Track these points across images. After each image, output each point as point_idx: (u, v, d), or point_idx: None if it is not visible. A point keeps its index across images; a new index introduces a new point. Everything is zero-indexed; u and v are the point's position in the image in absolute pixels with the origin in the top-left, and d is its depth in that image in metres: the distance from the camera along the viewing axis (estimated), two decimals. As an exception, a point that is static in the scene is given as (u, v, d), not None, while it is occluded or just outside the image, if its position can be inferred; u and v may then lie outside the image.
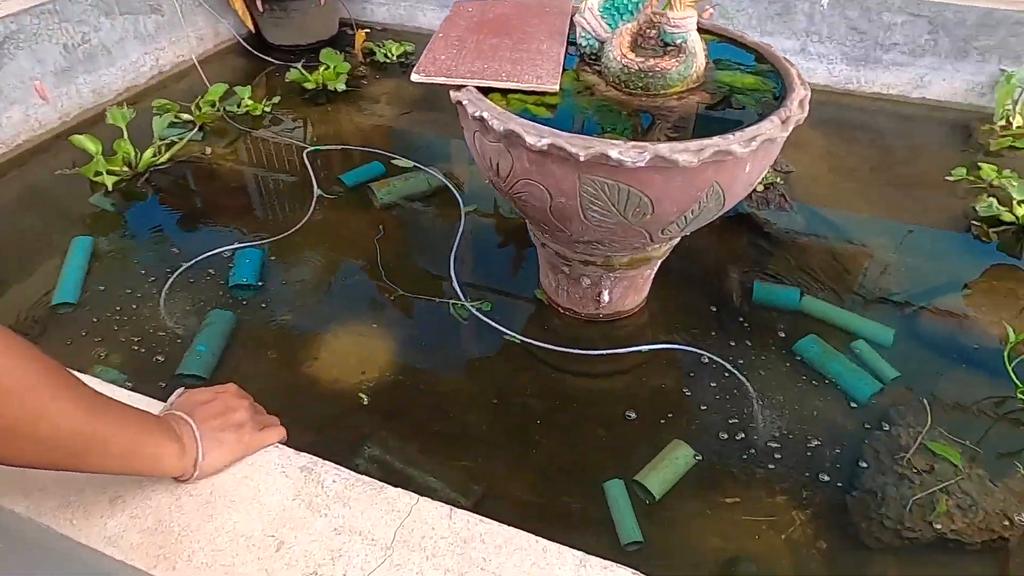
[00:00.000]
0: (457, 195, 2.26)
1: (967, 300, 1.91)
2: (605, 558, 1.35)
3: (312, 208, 2.22)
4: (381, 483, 0.87)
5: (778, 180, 2.28)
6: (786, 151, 2.65)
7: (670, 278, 1.95)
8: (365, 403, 1.63)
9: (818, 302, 1.86)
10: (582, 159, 1.18)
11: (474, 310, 1.82)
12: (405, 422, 1.61)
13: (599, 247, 1.47)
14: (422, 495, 0.86)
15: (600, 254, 1.54)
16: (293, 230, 2.12)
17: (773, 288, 1.90)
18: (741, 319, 1.84)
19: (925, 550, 1.34)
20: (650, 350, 1.73)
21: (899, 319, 1.85)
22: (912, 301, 1.91)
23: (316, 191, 2.28)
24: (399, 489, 0.86)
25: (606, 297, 1.67)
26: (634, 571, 0.78)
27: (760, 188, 2.24)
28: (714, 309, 1.87)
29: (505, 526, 0.82)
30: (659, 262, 1.68)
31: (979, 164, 2.34)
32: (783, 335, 1.79)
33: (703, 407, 1.62)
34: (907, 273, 2.01)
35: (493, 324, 1.78)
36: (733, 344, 1.76)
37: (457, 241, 2.07)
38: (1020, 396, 1.58)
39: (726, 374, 1.68)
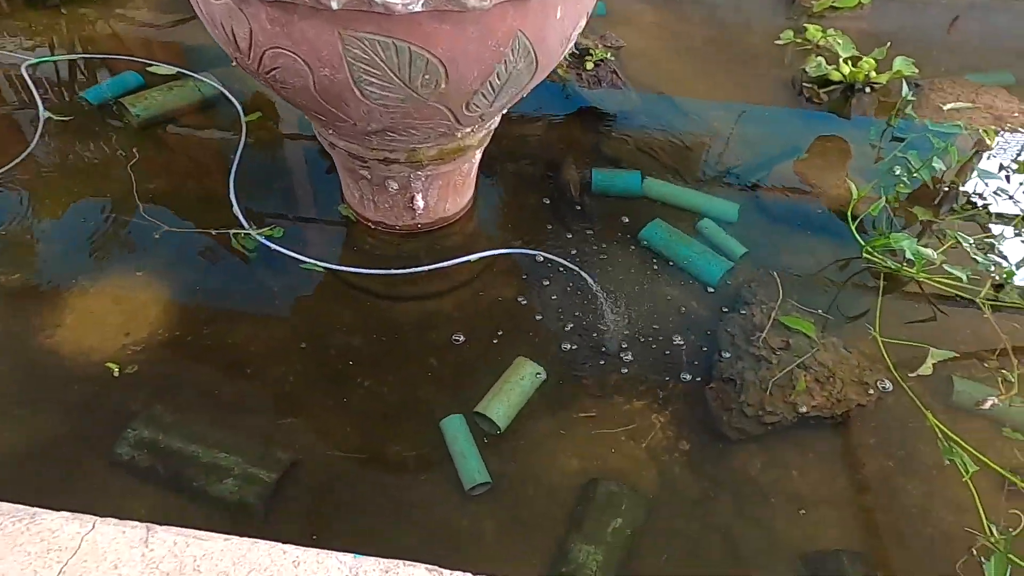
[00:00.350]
0: (235, 102, 1.84)
1: (805, 165, 1.83)
2: (448, 509, 1.11)
3: (38, 135, 1.71)
4: (33, 509, 0.55)
5: (608, 56, 2.06)
6: (616, 27, 2.44)
7: (498, 174, 1.70)
8: (130, 373, 1.27)
9: (660, 184, 1.70)
10: (336, 7, 0.86)
11: (262, 239, 1.47)
12: (186, 390, 1.27)
13: (396, 137, 1.17)
14: (209, 477, 0.56)
15: (400, 147, 1.24)
16: (11, 165, 1.62)
17: (612, 174, 1.71)
18: (581, 212, 1.63)
19: (788, 432, 1.24)
20: (481, 259, 1.48)
21: (742, 192, 1.73)
22: (753, 173, 1.79)
23: (43, 113, 1.76)
24: (63, 514, 0.55)
25: (420, 202, 1.38)
26: (429, 567, 0.54)
27: (591, 66, 2.02)
28: (548, 203, 1.64)
29: (236, 539, 0.55)
30: (478, 153, 1.41)
31: (805, 26, 2.25)
32: (627, 222, 1.61)
33: (546, 316, 1.41)
34: (747, 145, 1.89)
35: (289, 253, 1.45)
36: (573, 240, 1.56)
37: (237, 158, 1.67)
38: (866, 255, 1.52)
39: (569, 275, 1.48)
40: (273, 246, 1.46)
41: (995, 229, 1.64)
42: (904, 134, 1.88)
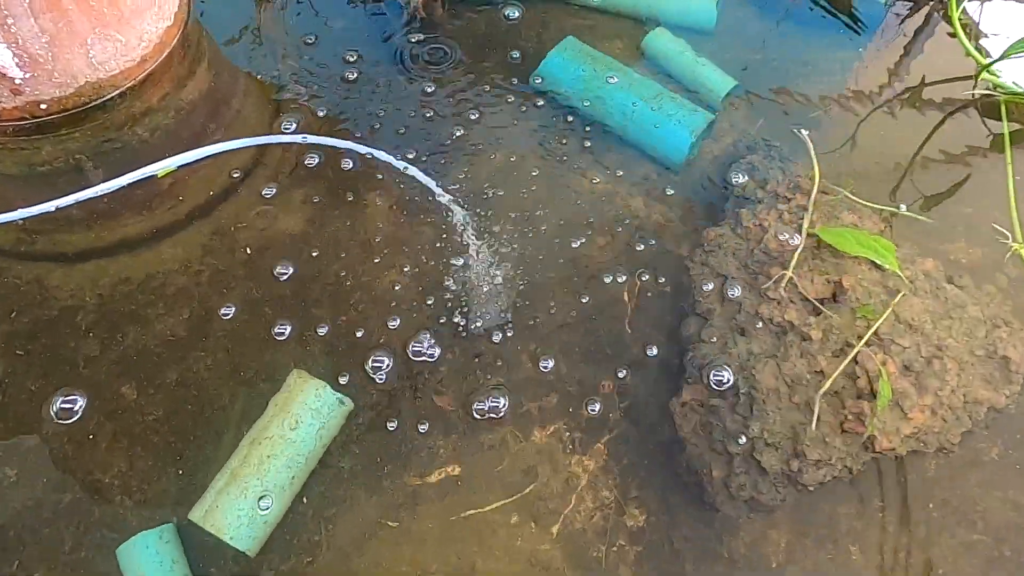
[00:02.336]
0: None
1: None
2: None
3: None
4: None
5: None
6: None
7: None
8: None
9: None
10: None
11: None
12: None
13: None
14: None
15: None
16: None
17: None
18: (426, 37, 0.86)
19: (844, 488, 0.61)
20: (190, 164, 0.73)
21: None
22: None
23: None
24: None
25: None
26: None
27: None
28: (371, 19, 0.87)
29: None
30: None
31: None
32: (513, 51, 0.85)
33: (357, 276, 0.71)
34: None
35: None
36: (412, 99, 0.81)
37: None
38: (991, 73, 0.79)
39: (402, 179, 0.76)
40: None
41: None
42: None
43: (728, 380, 0.60)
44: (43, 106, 0.68)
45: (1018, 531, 0.62)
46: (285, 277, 0.73)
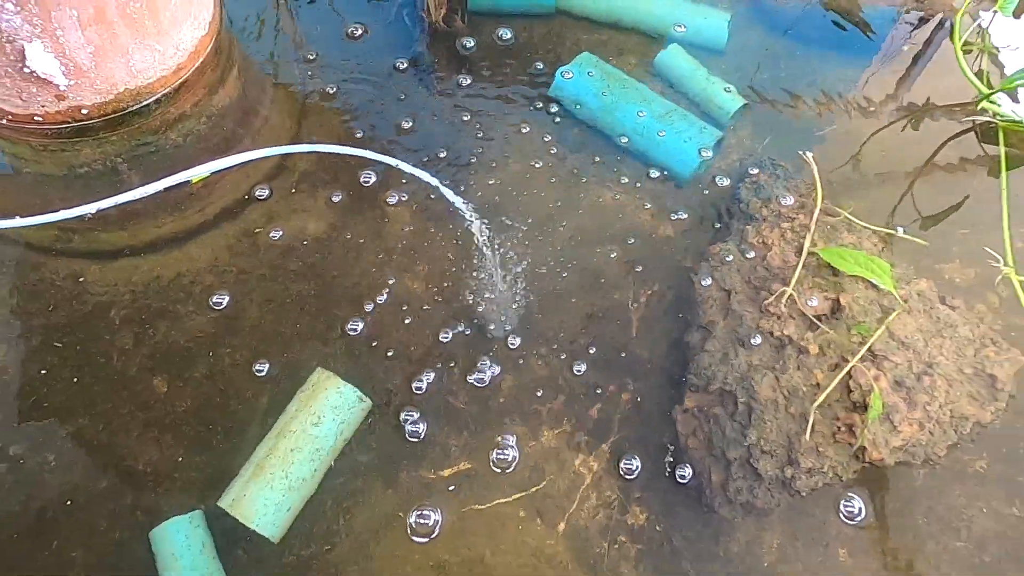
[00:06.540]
0: None
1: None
2: None
3: None
4: None
5: None
6: None
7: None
8: None
9: (590, -15, 0.95)
10: None
11: None
12: None
13: None
14: None
15: None
16: None
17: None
18: (447, 48, 0.90)
19: (834, 493, 0.64)
20: (218, 172, 0.77)
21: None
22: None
23: None
24: None
25: (42, 60, 0.65)
26: None
27: None
28: (387, 35, 0.90)
29: None
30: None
31: None
32: (533, 64, 0.88)
33: (374, 279, 0.75)
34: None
35: None
36: (432, 109, 0.84)
37: None
38: (991, 102, 0.82)
39: (421, 186, 0.79)
40: None
41: None
42: None
43: (728, 390, 0.64)
44: (84, 111, 0.71)
45: (999, 539, 0.65)
46: (307, 279, 0.76)
